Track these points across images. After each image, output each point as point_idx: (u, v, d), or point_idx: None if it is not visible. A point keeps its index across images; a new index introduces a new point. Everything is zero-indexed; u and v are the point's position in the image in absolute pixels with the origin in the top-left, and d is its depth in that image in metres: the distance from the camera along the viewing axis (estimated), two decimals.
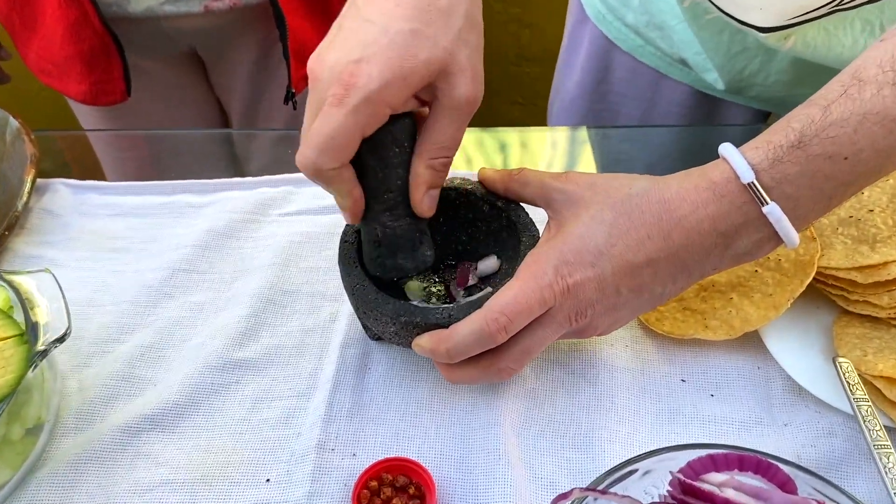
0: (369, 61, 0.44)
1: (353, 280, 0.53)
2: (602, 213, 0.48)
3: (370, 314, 0.53)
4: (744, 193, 0.46)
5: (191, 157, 0.79)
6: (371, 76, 0.44)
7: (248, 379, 0.58)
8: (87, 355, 0.60)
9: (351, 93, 0.44)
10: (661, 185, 0.48)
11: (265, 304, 0.62)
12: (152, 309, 0.63)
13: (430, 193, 0.51)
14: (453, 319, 0.50)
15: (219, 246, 0.67)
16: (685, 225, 0.47)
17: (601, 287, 0.48)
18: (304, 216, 0.70)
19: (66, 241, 0.69)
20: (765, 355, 0.57)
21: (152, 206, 0.72)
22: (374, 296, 0.52)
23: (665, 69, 0.85)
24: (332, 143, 0.45)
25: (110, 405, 0.57)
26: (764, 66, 0.77)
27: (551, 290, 0.47)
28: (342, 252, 0.55)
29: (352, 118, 0.44)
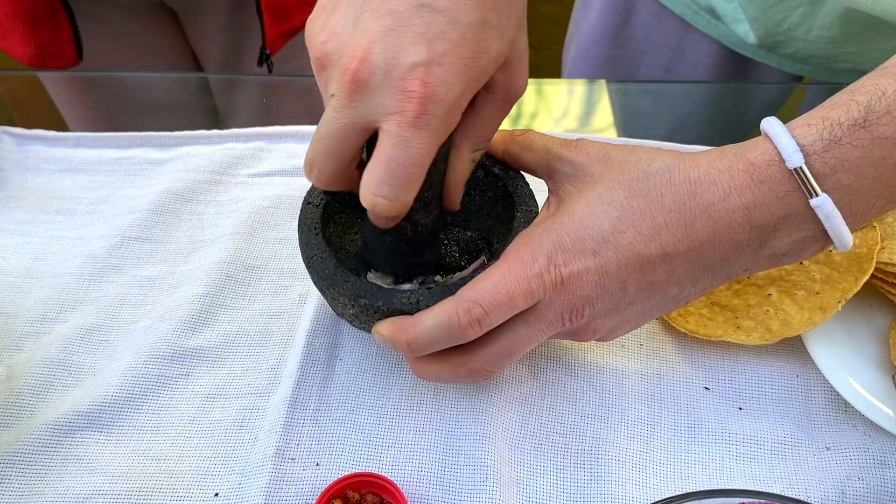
0: (442, 64, 0.35)
1: (311, 250, 0.44)
2: (612, 193, 0.39)
3: (327, 292, 0.44)
4: (788, 181, 0.36)
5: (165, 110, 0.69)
6: (449, 84, 0.35)
7: (201, 372, 0.50)
8: (20, 336, 0.52)
9: (430, 109, 0.35)
10: (687, 162, 0.39)
11: (224, 282, 0.54)
12: (97, 283, 0.55)
13: (463, 188, 0.45)
14: (421, 306, 0.42)
15: (176, 210, 0.59)
16: (713, 214, 0.37)
17: (603, 282, 0.39)
18: (277, 177, 0.61)
19: (5, 199, 0.60)
20: (805, 362, 0.49)
21: (105, 161, 0.63)
22: (332, 271, 0.43)
23: (691, 18, 0.75)
24: (419, 173, 0.37)
25: (41, 397, 0.49)
26: (806, 18, 0.66)
27: (541, 281, 0.39)
28: (304, 216, 0.46)
29: (435, 139, 0.36)
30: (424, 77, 0.35)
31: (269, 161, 0.62)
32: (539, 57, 1.63)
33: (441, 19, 0.35)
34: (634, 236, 0.38)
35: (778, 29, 0.68)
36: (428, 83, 0.35)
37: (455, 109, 0.36)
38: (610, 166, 0.40)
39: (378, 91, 0.35)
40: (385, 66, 0.35)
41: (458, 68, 0.35)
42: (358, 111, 0.36)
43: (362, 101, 0.36)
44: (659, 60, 0.81)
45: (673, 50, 0.79)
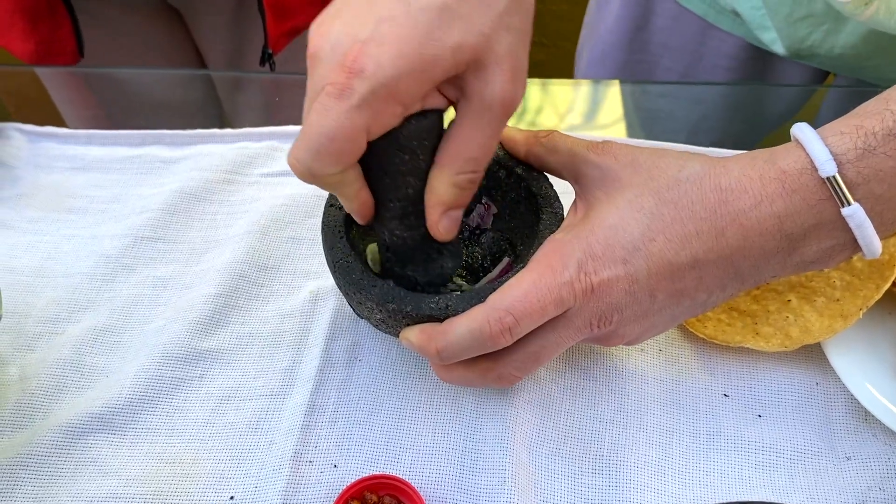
0: (381, 42, 0.34)
1: (336, 254, 0.44)
2: (642, 199, 0.39)
3: (353, 296, 0.44)
4: (820, 189, 0.36)
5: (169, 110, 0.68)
6: (380, 63, 0.34)
7: (215, 373, 0.50)
8: (33, 336, 0.52)
9: (354, 83, 0.34)
10: (718, 169, 0.39)
11: (237, 282, 0.53)
12: (109, 283, 0.54)
13: (451, 215, 0.41)
14: (451, 311, 0.41)
15: (189, 210, 0.58)
16: (743, 222, 0.37)
17: (632, 290, 0.39)
18: (290, 177, 0.61)
19: (17, 197, 0.60)
20: (825, 369, 0.48)
21: (117, 159, 0.62)
22: (358, 275, 0.43)
23: (714, 18, 0.74)
24: (330, 145, 0.35)
25: (55, 399, 0.49)
26: (829, 36, 0.66)
27: (571, 289, 0.39)
28: (327, 218, 0.46)
29: (354, 116, 0.35)
30: (358, 52, 0.34)
31: (281, 161, 0.62)
32: (547, 54, 1.63)
33: (398, 3, 0.35)
34: (665, 244, 0.38)
35: (802, 45, 0.67)
36: (359, 57, 0.34)
37: (386, 92, 0.34)
38: (639, 171, 0.40)
39: (324, 63, 0.35)
40: (335, 41, 0.35)
41: (397, 50, 0.34)
42: (311, 86, 0.36)
43: (313, 76, 0.36)
44: (676, 65, 0.80)
45: (691, 54, 0.79)
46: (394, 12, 0.35)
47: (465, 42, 0.35)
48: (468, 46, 0.35)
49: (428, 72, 0.35)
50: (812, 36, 0.66)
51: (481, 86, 0.37)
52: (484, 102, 0.37)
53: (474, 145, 0.38)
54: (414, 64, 0.34)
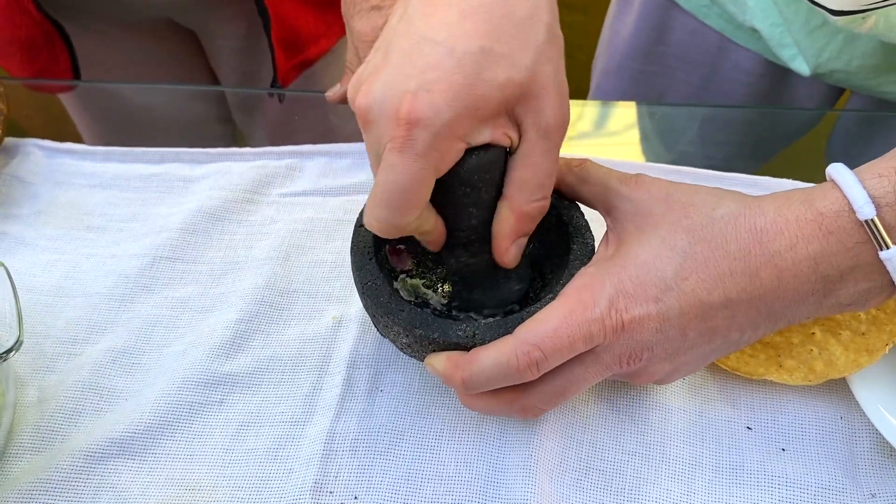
0: (431, 90, 0.35)
1: (364, 276, 0.44)
2: (675, 237, 0.39)
3: (381, 319, 0.44)
4: (858, 232, 0.36)
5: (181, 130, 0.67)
6: (437, 108, 0.35)
7: (235, 398, 0.49)
8: (51, 357, 0.52)
9: (414, 133, 0.35)
10: (753, 209, 0.38)
11: (258, 307, 0.53)
12: (128, 304, 0.54)
13: (518, 243, 0.42)
14: (478, 340, 0.41)
15: (208, 230, 0.58)
16: (778, 263, 0.37)
17: (663, 328, 0.39)
18: (310, 197, 0.61)
19: (35, 214, 0.60)
20: (849, 403, 0.48)
21: (136, 177, 0.62)
22: (386, 298, 0.43)
23: (732, 33, 0.74)
24: (405, 197, 0.37)
25: (73, 422, 0.49)
26: (847, 46, 0.65)
27: (601, 326, 0.38)
28: (356, 240, 0.46)
29: (421, 164, 0.36)
30: (411, 103, 0.35)
31: (300, 181, 0.62)
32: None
33: (439, 50, 0.35)
34: (697, 283, 0.38)
35: (820, 58, 0.67)
36: (413, 108, 0.35)
37: (445, 135, 0.36)
38: (673, 208, 0.40)
39: (377, 123, 0.36)
40: (381, 98, 0.36)
41: (450, 94, 0.35)
42: (370, 146, 0.38)
43: (370, 136, 0.37)
44: (693, 78, 0.80)
45: (708, 67, 0.78)
46: (437, 60, 0.35)
47: (512, 79, 0.36)
48: (514, 83, 0.36)
49: (481, 109, 0.36)
50: (829, 46, 0.66)
51: (534, 116, 0.38)
52: (540, 131, 0.39)
53: (540, 172, 0.40)
54: (467, 103, 0.35)
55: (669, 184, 0.41)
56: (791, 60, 0.69)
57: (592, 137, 0.74)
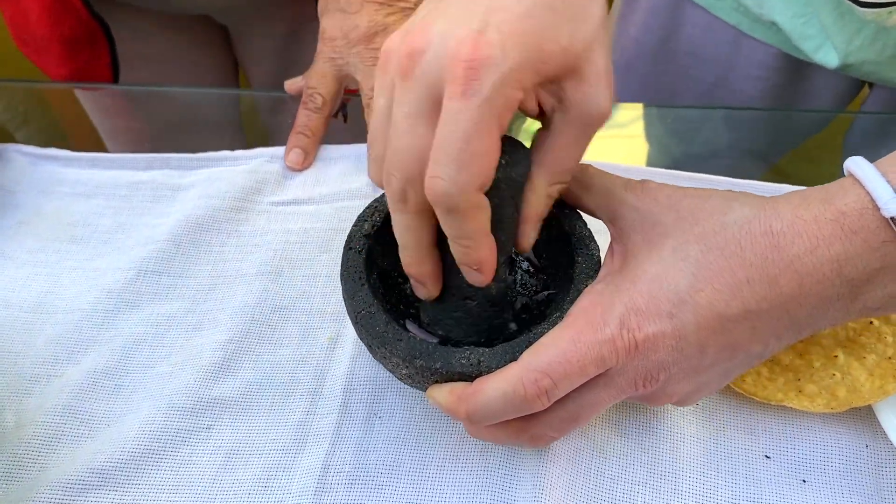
0: (500, 31, 0.32)
1: (357, 304, 0.41)
2: (686, 247, 0.36)
3: (378, 350, 0.41)
4: (884, 230, 0.33)
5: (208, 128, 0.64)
6: (506, 50, 0.32)
7: (223, 424, 0.47)
8: (30, 379, 0.49)
9: (481, 75, 0.31)
10: (769, 211, 0.36)
11: (249, 325, 0.50)
12: (111, 321, 0.51)
13: (537, 226, 0.40)
14: (483, 368, 0.38)
15: (196, 241, 0.55)
16: (799, 268, 0.34)
17: (680, 345, 0.36)
18: (303, 206, 0.58)
19: (16, 225, 0.57)
20: (875, 430, 0.45)
21: (122, 184, 0.59)
22: (382, 328, 0.40)
23: (748, 27, 0.70)
24: (471, 148, 0.32)
25: (52, 449, 0.46)
26: (879, 34, 0.62)
27: (613, 347, 0.36)
28: (346, 264, 0.43)
29: (488, 110, 0.32)
30: (476, 40, 0.31)
31: (293, 188, 0.59)
32: None
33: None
34: (713, 294, 0.35)
35: (850, 46, 0.63)
36: (479, 46, 0.31)
37: (511, 82, 0.32)
38: (682, 216, 0.37)
39: (431, 67, 0.32)
40: (440, 37, 0.32)
41: (519, 38, 0.32)
42: (416, 90, 0.33)
43: (418, 79, 0.33)
44: (706, 75, 0.77)
45: (722, 64, 0.75)
46: (505, 3, 0.32)
47: (573, 46, 0.34)
48: (573, 53, 0.34)
49: (544, 65, 0.33)
50: (861, 34, 0.63)
51: (582, 97, 0.36)
52: (584, 114, 0.36)
53: (571, 156, 0.38)
54: (534, 54, 0.32)
55: (677, 189, 0.38)
56: (815, 52, 0.66)
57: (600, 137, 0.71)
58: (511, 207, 0.38)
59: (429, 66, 0.32)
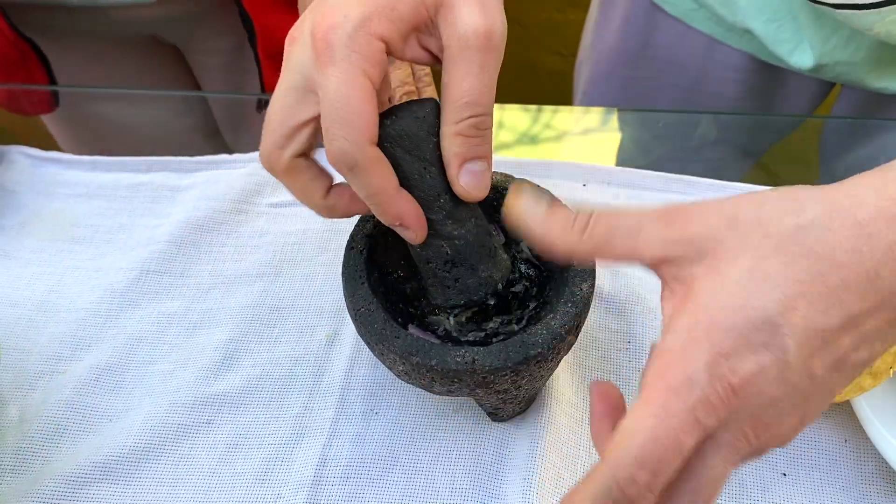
0: (340, 1, 0.36)
1: (357, 302, 0.42)
2: (765, 264, 0.31)
3: (375, 347, 0.42)
4: None
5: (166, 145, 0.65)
6: (345, 12, 0.35)
7: (223, 418, 0.48)
8: (34, 375, 0.50)
9: (331, 42, 0.35)
10: (848, 201, 0.31)
11: (248, 324, 0.52)
12: (113, 319, 0.53)
13: (469, 168, 0.38)
14: (477, 366, 0.39)
15: (196, 242, 0.56)
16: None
17: (785, 375, 0.31)
18: (299, 207, 0.57)
19: (19, 225, 0.58)
20: (854, 426, 0.47)
21: (122, 186, 0.60)
22: (381, 325, 0.41)
23: (722, 36, 0.72)
24: (347, 109, 0.34)
25: (56, 443, 0.47)
26: (854, 36, 0.64)
27: (708, 405, 0.30)
28: (347, 263, 0.44)
29: (349, 69, 0.35)
30: (325, 15, 0.35)
31: None
32: (566, 64, 1.60)
33: None
34: (808, 309, 0.30)
35: (824, 48, 0.65)
36: (326, 18, 0.35)
37: (360, 36, 0.35)
38: (746, 229, 0.32)
39: (301, 55, 0.36)
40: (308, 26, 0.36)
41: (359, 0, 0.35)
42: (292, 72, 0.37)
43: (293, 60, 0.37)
44: (682, 80, 0.78)
45: (698, 69, 0.77)
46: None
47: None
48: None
49: (394, 11, 0.35)
50: (837, 34, 0.64)
51: (451, 26, 0.36)
52: (460, 40, 0.36)
53: (466, 87, 0.36)
54: (380, 6, 0.35)
55: (724, 202, 0.33)
56: (789, 56, 0.68)
57: (579, 142, 0.72)
58: (417, 162, 0.39)
59: (296, 49, 0.37)
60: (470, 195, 0.39)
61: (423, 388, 0.42)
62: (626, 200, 0.59)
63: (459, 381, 0.40)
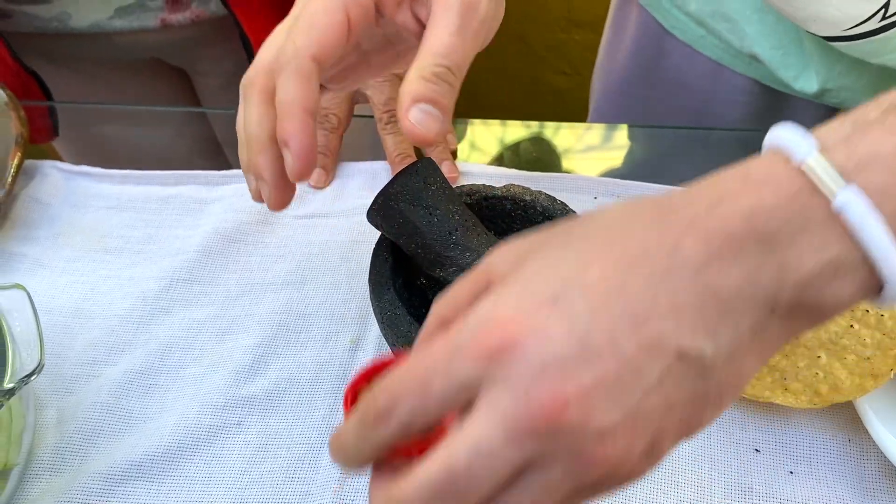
0: None
1: (384, 306, 0.45)
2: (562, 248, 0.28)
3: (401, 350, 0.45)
4: (798, 179, 0.26)
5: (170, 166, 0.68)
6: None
7: (253, 420, 0.50)
8: (70, 379, 0.53)
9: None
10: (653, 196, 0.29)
11: (276, 330, 0.54)
12: (146, 326, 0.55)
13: (422, 108, 0.37)
14: None
15: (224, 252, 0.59)
16: (702, 226, 0.26)
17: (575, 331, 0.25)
18: (323, 219, 0.62)
19: (54, 236, 0.61)
20: (857, 425, 0.49)
21: (152, 199, 0.63)
22: (406, 328, 0.44)
23: (729, 62, 0.75)
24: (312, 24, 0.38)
25: (92, 443, 0.49)
26: (857, 63, 0.66)
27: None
28: (374, 269, 0.47)
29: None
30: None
31: (314, 202, 0.63)
32: (571, 82, 1.64)
33: None
34: (604, 271, 0.26)
35: (830, 72, 0.67)
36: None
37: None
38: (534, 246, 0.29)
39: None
40: None
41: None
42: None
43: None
44: (691, 101, 0.81)
45: (705, 91, 0.79)
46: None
47: None
48: None
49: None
50: (842, 60, 0.66)
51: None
52: (445, 3, 0.38)
53: (437, 42, 0.38)
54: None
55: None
56: (794, 81, 0.70)
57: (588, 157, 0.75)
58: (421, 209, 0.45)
59: None
60: (415, 131, 0.37)
61: None
62: None
63: None
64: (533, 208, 0.50)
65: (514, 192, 0.50)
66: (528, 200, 0.50)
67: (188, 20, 0.80)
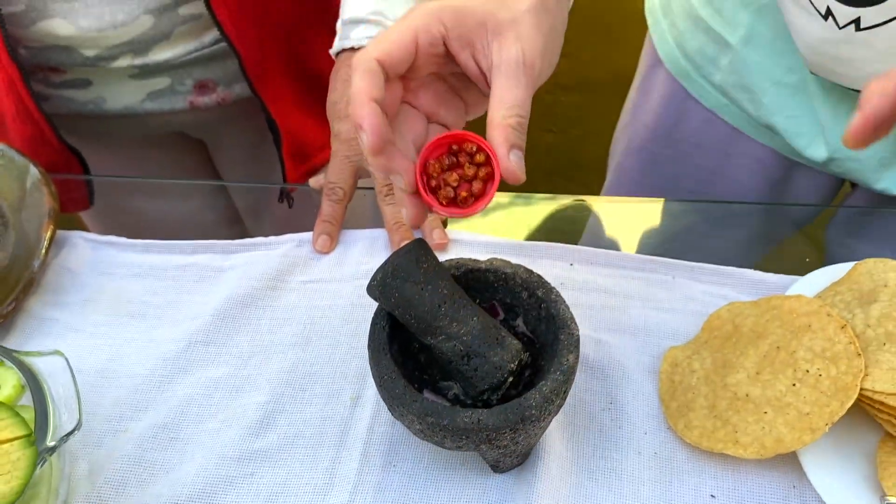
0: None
1: (382, 370, 0.51)
2: None
3: (396, 409, 0.51)
4: None
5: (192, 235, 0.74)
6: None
7: (264, 471, 0.56)
8: (100, 434, 0.59)
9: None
10: None
11: (284, 389, 0.60)
12: (167, 384, 0.61)
13: (516, 153, 0.46)
14: (483, 424, 0.48)
15: (236, 316, 0.66)
16: None
17: None
18: (326, 284, 0.68)
19: (82, 302, 0.67)
20: (801, 473, 0.55)
21: (171, 267, 0.70)
22: (401, 390, 0.50)
23: (746, 129, 0.81)
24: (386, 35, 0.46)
25: (121, 493, 0.55)
26: None
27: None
28: (373, 337, 0.53)
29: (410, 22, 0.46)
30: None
31: (318, 268, 0.69)
32: (557, 139, 1.72)
33: None
34: None
35: (838, 142, 0.72)
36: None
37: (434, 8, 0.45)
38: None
39: None
40: None
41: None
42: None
43: None
44: (707, 162, 0.86)
45: (722, 155, 0.85)
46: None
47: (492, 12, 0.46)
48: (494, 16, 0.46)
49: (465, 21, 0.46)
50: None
51: (506, 51, 0.46)
52: (510, 62, 0.46)
53: (512, 94, 0.46)
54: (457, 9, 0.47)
55: None
56: (805, 148, 0.76)
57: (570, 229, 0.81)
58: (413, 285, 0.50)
59: None
60: (514, 174, 0.46)
61: (435, 444, 0.51)
62: (607, 279, 0.68)
63: (467, 437, 0.49)
64: (513, 280, 0.56)
65: (496, 266, 0.57)
66: (508, 273, 0.56)
67: (214, 102, 0.87)
